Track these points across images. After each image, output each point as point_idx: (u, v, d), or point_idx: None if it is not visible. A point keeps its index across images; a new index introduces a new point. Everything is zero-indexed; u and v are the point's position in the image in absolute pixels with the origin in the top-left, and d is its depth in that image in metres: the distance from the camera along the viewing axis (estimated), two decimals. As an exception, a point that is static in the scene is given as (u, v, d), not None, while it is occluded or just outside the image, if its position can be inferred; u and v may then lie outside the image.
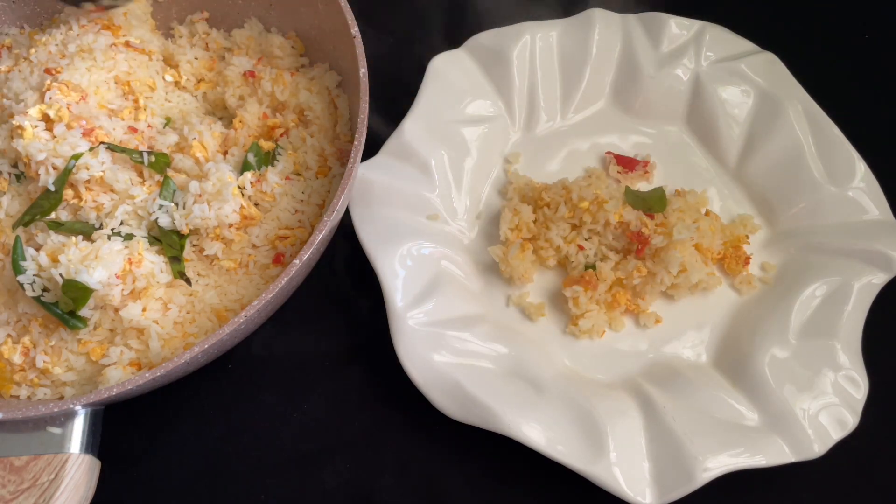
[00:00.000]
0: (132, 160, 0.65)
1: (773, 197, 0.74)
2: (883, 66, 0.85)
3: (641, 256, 0.68)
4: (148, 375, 0.52)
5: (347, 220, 0.68)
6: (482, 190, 0.76)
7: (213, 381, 0.67)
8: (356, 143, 0.60)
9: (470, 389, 0.61)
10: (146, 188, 0.65)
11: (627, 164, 0.75)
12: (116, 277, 0.59)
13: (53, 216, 0.63)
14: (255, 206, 0.66)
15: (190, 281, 0.64)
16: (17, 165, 0.65)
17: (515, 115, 0.77)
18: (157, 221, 0.63)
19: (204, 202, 0.63)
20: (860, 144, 0.72)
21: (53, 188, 0.62)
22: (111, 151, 0.64)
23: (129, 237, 0.62)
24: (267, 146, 0.68)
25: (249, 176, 0.65)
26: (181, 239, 0.64)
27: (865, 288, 0.66)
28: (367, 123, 0.61)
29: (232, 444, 0.65)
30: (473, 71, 0.76)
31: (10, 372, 0.61)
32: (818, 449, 0.60)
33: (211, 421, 0.66)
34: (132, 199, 0.64)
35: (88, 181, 0.63)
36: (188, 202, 0.63)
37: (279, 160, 0.68)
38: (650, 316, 0.69)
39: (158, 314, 0.61)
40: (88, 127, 0.64)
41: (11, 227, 0.64)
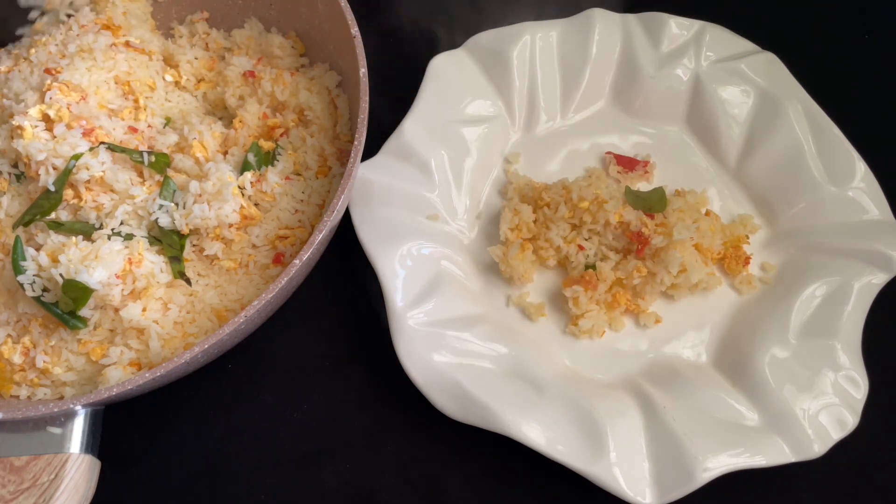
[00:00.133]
0: (132, 160, 0.65)
1: (773, 197, 0.74)
2: (883, 66, 0.85)
3: (641, 256, 0.68)
4: (148, 375, 0.52)
5: (347, 220, 0.68)
6: (482, 190, 0.76)
7: (213, 381, 0.67)
8: (356, 143, 0.60)
9: (470, 389, 0.61)
10: (146, 188, 0.65)
11: (627, 164, 0.75)
12: (116, 277, 0.59)
13: (53, 216, 0.63)
14: (255, 206, 0.66)
15: (190, 281, 0.64)
16: (17, 165, 0.65)
17: (515, 115, 0.77)
18: (157, 221, 0.63)
19: (204, 202, 0.63)
20: (860, 144, 0.73)
21: (53, 188, 0.62)
22: (111, 151, 0.64)
23: (129, 237, 0.62)
24: (267, 146, 0.68)
25: (249, 176, 0.65)
26: (181, 239, 0.64)
27: (865, 288, 0.66)
28: (367, 123, 0.61)
29: (232, 444, 0.65)
30: (473, 71, 0.76)
31: (10, 372, 0.61)
32: (818, 449, 0.60)
33: (211, 421, 0.66)
34: (132, 199, 0.64)
35: (88, 181, 0.63)
36: (188, 202, 0.63)
37: (279, 160, 0.68)
38: (650, 316, 0.69)
39: (158, 314, 0.61)
40: (88, 127, 0.64)
41: (11, 227, 0.64)
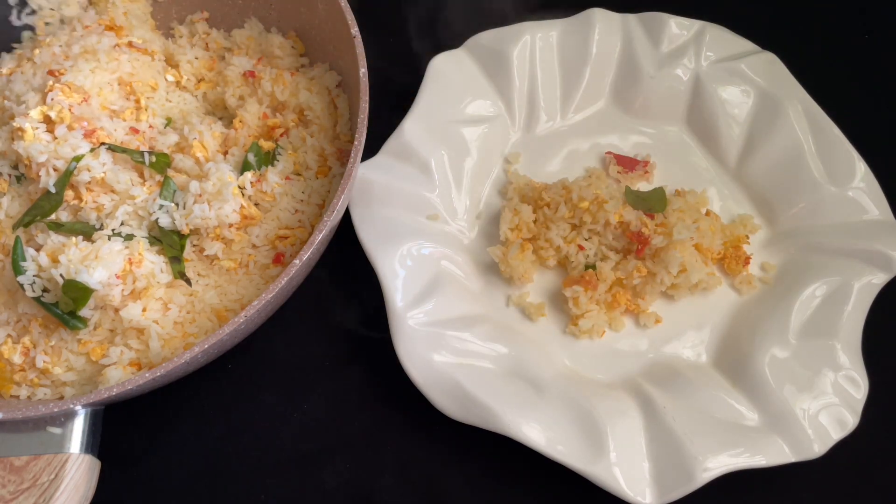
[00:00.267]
0: (133, 160, 0.65)
1: (773, 197, 0.74)
2: (883, 66, 0.85)
3: (641, 256, 0.68)
4: (148, 375, 0.52)
5: (347, 220, 0.68)
6: (482, 190, 0.76)
7: (213, 381, 0.67)
8: (356, 143, 0.60)
9: (470, 389, 0.61)
10: (146, 188, 0.65)
11: (627, 164, 0.75)
12: (116, 277, 0.59)
13: (53, 217, 0.63)
14: (255, 206, 0.66)
15: (190, 281, 0.64)
16: (17, 167, 0.65)
17: (515, 115, 0.77)
18: (157, 221, 0.63)
19: (204, 202, 0.63)
20: (860, 144, 0.72)
21: (54, 190, 0.62)
22: (112, 152, 0.64)
23: (129, 237, 0.62)
24: (267, 146, 0.68)
25: (249, 176, 0.65)
26: (181, 239, 0.64)
27: (865, 288, 0.66)
28: (366, 123, 0.61)
29: (232, 444, 0.65)
30: (473, 71, 0.76)
31: (10, 372, 0.61)
32: (818, 449, 0.60)
33: (211, 421, 0.66)
34: (133, 199, 0.64)
35: (89, 182, 0.63)
36: (188, 202, 0.63)
37: (279, 160, 0.68)
38: (650, 316, 0.69)
39: (158, 314, 0.61)
40: (90, 128, 0.64)
41: (11, 227, 0.64)
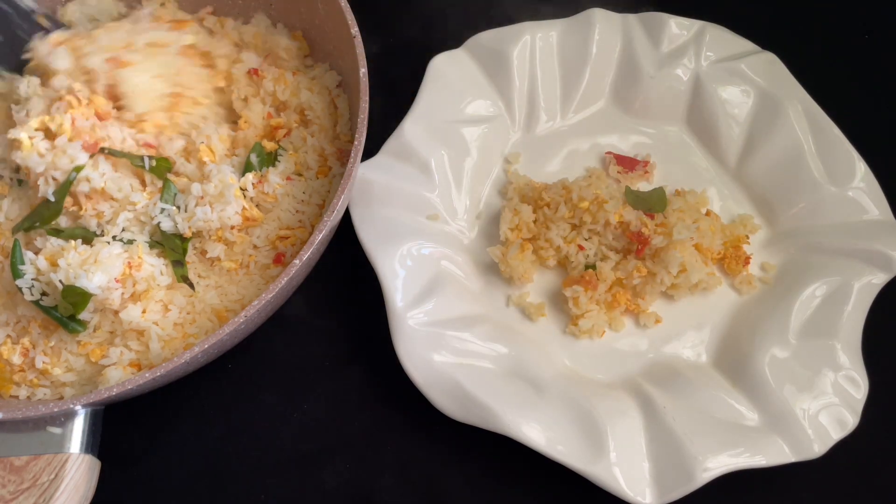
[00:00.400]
0: (133, 165, 0.65)
1: (773, 197, 0.74)
2: (883, 66, 0.85)
3: (641, 256, 0.68)
4: (148, 375, 0.52)
5: (347, 220, 0.68)
6: (482, 190, 0.75)
7: (213, 381, 0.67)
8: (356, 143, 0.60)
9: (470, 389, 0.61)
10: (147, 194, 0.64)
11: (627, 164, 0.75)
12: (116, 281, 0.59)
13: (53, 224, 0.63)
14: (256, 207, 0.66)
15: (193, 285, 0.63)
16: (18, 170, 0.65)
17: (515, 115, 0.77)
18: (159, 225, 0.63)
19: (206, 204, 0.63)
20: (860, 144, 0.72)
21: (53, 199, 0.62)
22: (112, 157, 0.64)
23: (129, 242, 0.62)
24: (270, 146, 0.68)
25: (251, 177, 0.65)
26: (184, 242, 0.64)
27: (865, 288, 0.66)
28: (366, 123, 0.61)
29: (232, 444, 0.65)
30: (473, 71, 0.76)
31: (9, 372, 0.61)
32: (818, 449, 0.60)
33: (211, 421, 0.66)
34: (133, 205, 0.63)
35: (89, 192, 0.62)
36: (190, 205, 0.63)
37: (280, 160, 0.68)
38: (650, 316, 0.69)
39: (158, 316, 0.61)
40: (91, 141, 0.63)
41: (11, 230, 0.63)
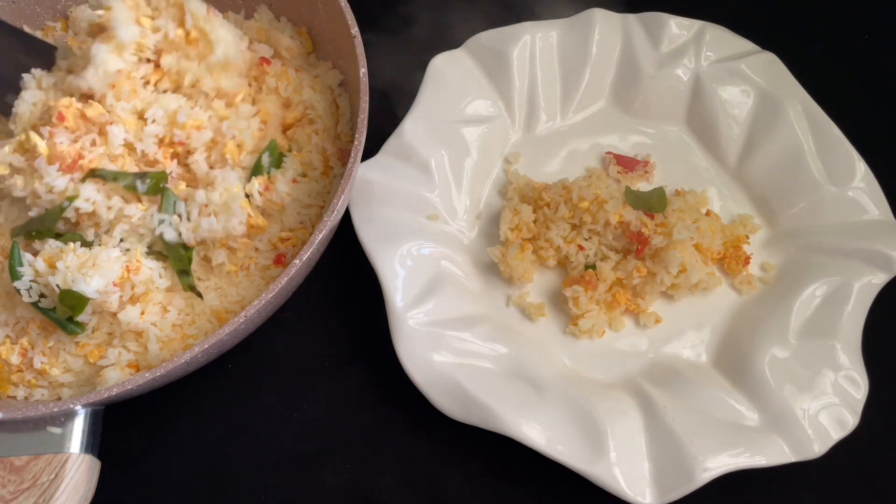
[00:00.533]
0: (124, 188, 0.61)
1: (773, 197, 0.74)
2: (883, 66, 0.85)
3: (641, 256, 0.68)
4: (148, 375, 0.52)
5: (347, 220, 0.68)
6: (482, 190, 0.75)
7: (213, 381, 0.67)
8: (356, 143, 0.60)
9: (470, 389, 0.61)
10: (143, 205, 0.62)
11: (627, 164, 0.75)
12: (114, 285, 0.58)
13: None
14: (261, 212, 0.64)
15: (202, 295, 0.62)
16: None
17: (515, 115, 0.77)
18: (162, 236, 0.61)
19: (210, 215, 0.61)
20: (860, 144, 0.72)
21: (44, 219, 0.60)
22: (99, 180, 0.60)
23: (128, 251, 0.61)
24: (284, 145, 0.66)
25: (257, 185, 0.63)
26: (188, 251, 0.62)
27: (865, 288, 0.66)
28: (367, 123, 0.61)
29: (232, 444, 0.65)
30: (473, 71, 0.76)
31: (7, 372, 0.61)
32: (818, 449, 0.60)
33: (211, 421, 0.66)
34: (129, 218, 0.61)
35: (76, 219, 0.61)
36: (193, 213, 0.61)
37: (286, 161, 0.66)
38: (650, 316, 0.69)
39: (157, 317, 0.61)
40: (69, 163, 0.59)
41: (10, 231, 0.63)
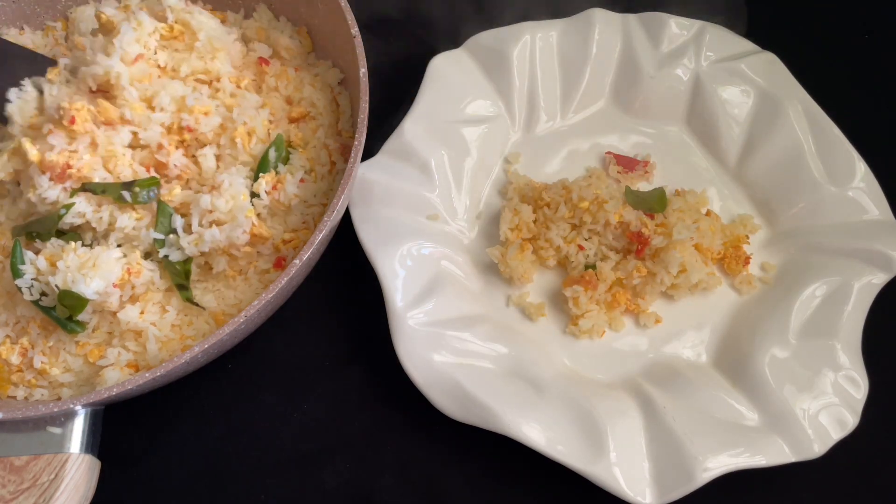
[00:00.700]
0: (114, 200, 0.60)
1: (773, 197, 0.74)
2: (883, 66, 0.85)
3: (641, 256, 0.68)
4: (148, 375, 0.52)
5: (347, 220, 0.68)
6: (482, 190, 0.75)
7: (213, 381, 0.67)
8: (356, 142, 0.60)
9: (470, 389, 0.61)
10: (137, 213, 0.61)
11: (627, 164, 0.75)
12: (114, 286, 0.58)
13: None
14: (268, 211, 0.64)
15: (203, 307, 0.62)
16: None
17: (515, 115, 0.77)
18: (167, 257, 0.61)
19: (213, 225, 0.60)
20: (860, 144, 0.73)
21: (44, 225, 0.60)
22: (88, 192, 0.59)
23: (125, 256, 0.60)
24: (297, 138, 0.66)
25: (265, 184, 0.62)
26: (186, 263, 0.62)
27: (865, 288, 0.66)
28: (367, 123, 0.61)
29: (232, 444, 0.65)
30: (473, 71, 0.76)
31: (7, 372, 0.61)
32: (818, 449, 0.60)
33: (211, 421, 0.66)
34: (122, 228, 0.60)
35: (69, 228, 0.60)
36: (195, 223, 0.60)
37: (293, 157, 0.65)
38: (650, 316, 0.69)
39: (156, 317, 0.61)
40: (58, 172, 0.59)
41: (11, 230, 0.63)
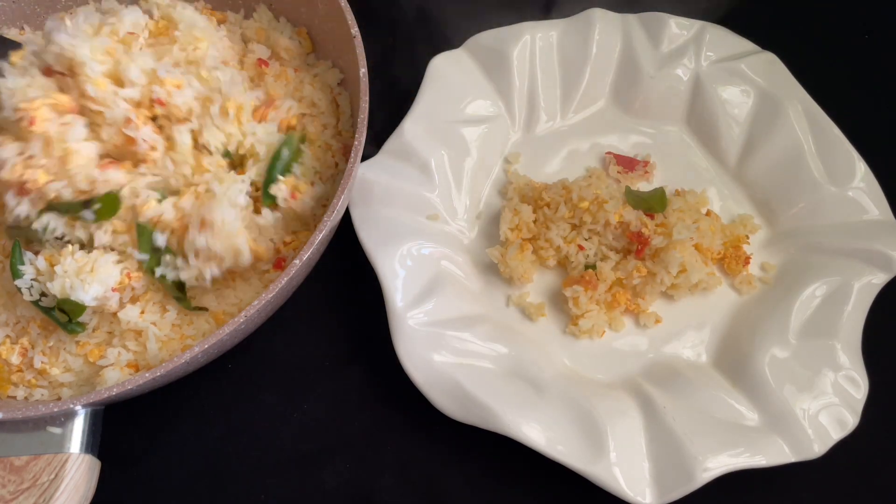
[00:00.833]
0: (70, 216, 0.58)
1: (773, 197, 0.74)
2: (883, 66, 0.85)
3: (641, 256, 0.68)
4: (148, 375, 0.52)
5: (347, 220, 0.68)
6: (482, 190, 0.75)
7: (213, 381, 0.67)
8: (356, 142, 0.59)
9: (470, 389, 0.61)
10: (110, 229, 0.58)
11: (627, 164, 0.75)
12: (113, 290, 0.58)
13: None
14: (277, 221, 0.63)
15: (206, 308, 0.62)
16: None
17: (515, 115, 0.77)
18: (164, 277, 0.60)
19: (212, 260, 0.59)
20: (860, 144, 0.73)
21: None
22: (55, 213, 0.58)
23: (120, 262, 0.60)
24: (312, 134, 0.65)
25: (285, 190, 0.61)
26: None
27: (865, 288, 0.66)
28: (367, 123, 0.61)
29: (232, 444, 0.65)
30: (473, 71, 0.76)
31: (7, 372, 0.61)
32: (818, 449, 0.60)
33: (211, 421, 0.66)
34: (102, 244, 0.59)
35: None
36: (191, 259, 0.58)
37: (304, 158, 0.65)
38: (650, 316, 0.69)
39: (156, 316, 0.61)
40: (17, 186, 0.56)
41: (6, 232, 0.62)
